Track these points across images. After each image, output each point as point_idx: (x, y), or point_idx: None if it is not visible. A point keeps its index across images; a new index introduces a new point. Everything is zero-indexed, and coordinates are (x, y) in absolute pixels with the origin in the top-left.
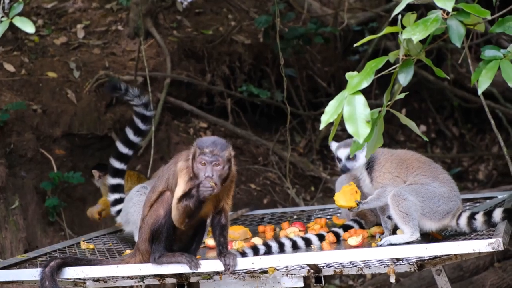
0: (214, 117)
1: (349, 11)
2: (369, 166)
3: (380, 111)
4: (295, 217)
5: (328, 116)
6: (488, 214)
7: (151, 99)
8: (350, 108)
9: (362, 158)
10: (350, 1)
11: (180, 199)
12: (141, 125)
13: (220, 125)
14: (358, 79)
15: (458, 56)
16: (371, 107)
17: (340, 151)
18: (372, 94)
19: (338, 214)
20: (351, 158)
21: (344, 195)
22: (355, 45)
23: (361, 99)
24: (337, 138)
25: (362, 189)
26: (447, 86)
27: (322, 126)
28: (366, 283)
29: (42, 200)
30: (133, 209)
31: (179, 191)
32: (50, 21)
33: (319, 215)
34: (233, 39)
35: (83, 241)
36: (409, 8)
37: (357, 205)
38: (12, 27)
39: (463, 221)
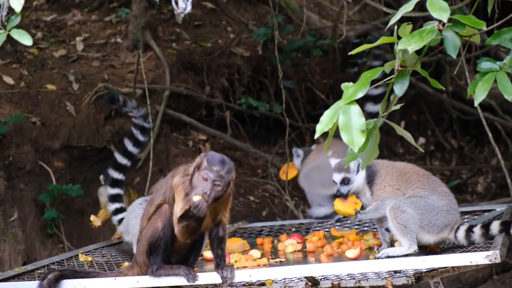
0: (213, 130)
1: (348, 23)
2: (370, 179)
3: (375, 122)
4: (293, 229)
5: (323, 125)
6: (486, 227)
7: (150, 111)
8: (345, 118)
9: (358, 180)
10: (349, 13)
11: (180, 220)
12: (140, 137)
13: (219, 137)
14: (353, 89)
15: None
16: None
17: (335, 175)
18: None
19: (337, 227)
20: (346, 182)
21: (344, 202)
22: (350, 53)
23: (356, 109)
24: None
25: (361, 201)
26: (446, 99)
27: (317, 135)
28: None
29: (40, 212)
30: (135, 221)
31: (177, 209)
32: (49, 34)
33: (317, 228)
34: (232, 52)
35: (82, 253)
36: (408, 20)
37: (356, 214)
38: (11, 40)
39: (461, 234)
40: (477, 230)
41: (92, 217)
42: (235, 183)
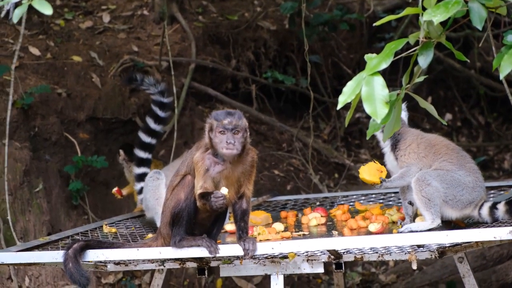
0: (238, 103)
1: None
2: (394, 143)
3: (398, 94)
4: (318, 203)
5: (345, 96)
6: (510, 203)
7: (175, 83)
8: (369, 89)
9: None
10: None
11: (199, 198)
12: (160, 113)
13: (244, 111)
14: (377, 61)
15: (486, 44)
16: None
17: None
18: (398, 82)
19: (361, 201)
20: None
21: (369, 170)
22: (374, 24)
23: (379, 80)
24: (362, 125)
25: (385, 165)
26: (473, 75)
27: (339, 106)
28: (389, 271)
29: (65, 183)
30: (149, 194)
31: (197, 186)
32: (76, 5)
33: (342, 202)
34: (258, 25)
35: (106, 224)
36: None
37: (381, 182)
38: (38, 11)
39: (485, 211)
40: (501, 207)
41: (114, 191)
42: (260, 157)
